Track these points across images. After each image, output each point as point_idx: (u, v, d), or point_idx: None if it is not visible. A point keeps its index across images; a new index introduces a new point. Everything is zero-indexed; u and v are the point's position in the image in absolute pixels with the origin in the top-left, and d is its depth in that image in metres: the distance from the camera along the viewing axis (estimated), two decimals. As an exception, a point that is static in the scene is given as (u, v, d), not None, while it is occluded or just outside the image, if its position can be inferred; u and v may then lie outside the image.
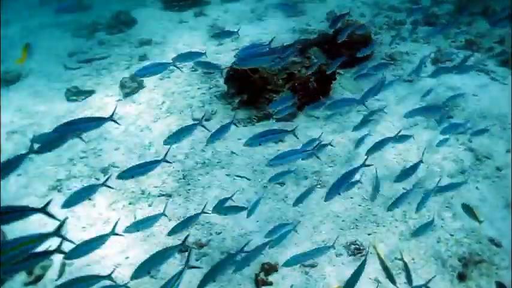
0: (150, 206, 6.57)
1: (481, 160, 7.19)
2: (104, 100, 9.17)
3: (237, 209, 5.36)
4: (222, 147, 7.63)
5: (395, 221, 6.21)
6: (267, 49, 6.12)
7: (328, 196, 4.90)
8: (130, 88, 9.39)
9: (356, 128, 6.91)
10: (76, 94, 9.43)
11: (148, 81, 9.66)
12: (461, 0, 12.66)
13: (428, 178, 6.87)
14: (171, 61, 5.73)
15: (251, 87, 8.42)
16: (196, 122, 5.09)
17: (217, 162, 7.29)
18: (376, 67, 7.43)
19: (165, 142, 4.91)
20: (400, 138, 6.26)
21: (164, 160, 4.97)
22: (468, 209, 5.58)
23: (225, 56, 10.56)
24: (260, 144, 5.12)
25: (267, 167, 7.04)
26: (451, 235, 5.99)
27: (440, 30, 9.67)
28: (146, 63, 10.36)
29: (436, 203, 6.45)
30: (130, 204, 6.62)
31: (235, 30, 7.14)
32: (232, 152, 7.45)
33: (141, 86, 9.52)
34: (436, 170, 7.03)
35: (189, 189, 6.79)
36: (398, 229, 6.09)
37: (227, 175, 7.04)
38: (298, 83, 8.28)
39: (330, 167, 7.14)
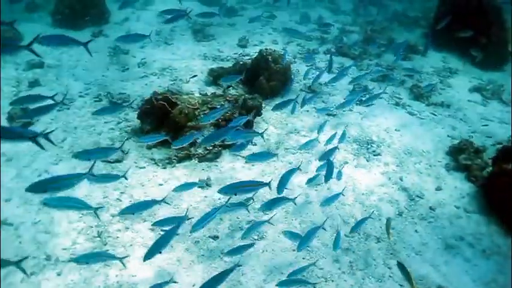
0: (59, 275, 5.35)
1: (414, 200, 7.08)
2: (-13, 137, 7.60)
3: None
4: (140, 193, 6.62)
5: (343, 273, 5.74)
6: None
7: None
8: (20, 122, 7.93)
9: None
10: (-51, 129, 7.72)
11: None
12: (366, 32, 12.99)
13: (368, 222, 6.54)
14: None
15: (170, 124, 7.53)
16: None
17: (138, 214, 6.27)
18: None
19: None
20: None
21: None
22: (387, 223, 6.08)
23: (132, 84, 9.50)
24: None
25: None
26: (401, 286, 5.67)
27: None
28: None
29: (380, 250, 6.13)
30: (32, 274, 5.33)
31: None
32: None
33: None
34: (375, 212, 6.75)
35: (107, 251, 5.68)
36: (347, 283, 5.63)
37: (151, 230, 6.05)
38: (223, 120, 7.56)
39: (266, 214, 6.50)
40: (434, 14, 13.19)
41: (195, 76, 9.49)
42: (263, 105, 8.67)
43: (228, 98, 7.87)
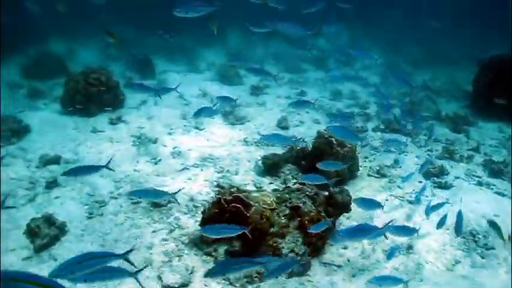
0: None
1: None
2: None
3: None
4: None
5: None
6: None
7: None
8: (45, 237, 6.20)
9: None
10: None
11: (72, 222, 6.62)
12: (405, 104, 12.07)
13: None
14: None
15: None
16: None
17: None
18: None
19: None
20: None
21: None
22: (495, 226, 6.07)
23: (172, 179, 7.93)
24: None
25: None
26: None
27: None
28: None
29: None
30: None
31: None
32: None
33: (62, 231, 6.41)
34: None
35: None
36: None
37: None
38: (309, 221, 6.05)
39: None
40: (474, 84, 12.43)
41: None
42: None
43: (308, 193, 6.40)
